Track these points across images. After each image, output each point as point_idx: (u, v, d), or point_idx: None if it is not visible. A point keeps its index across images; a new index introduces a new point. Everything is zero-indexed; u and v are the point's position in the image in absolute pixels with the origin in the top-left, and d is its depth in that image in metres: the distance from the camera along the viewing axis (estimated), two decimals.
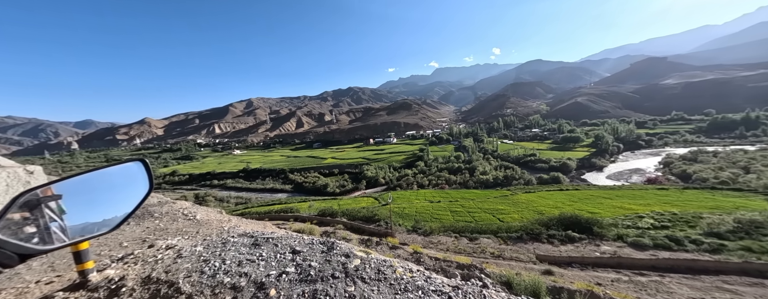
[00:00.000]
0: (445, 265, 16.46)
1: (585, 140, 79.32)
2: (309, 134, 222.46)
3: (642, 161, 58.58)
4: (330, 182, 62.16)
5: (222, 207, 46.29)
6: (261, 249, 1.95)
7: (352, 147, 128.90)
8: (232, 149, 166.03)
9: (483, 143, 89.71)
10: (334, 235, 24.80)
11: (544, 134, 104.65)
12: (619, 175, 49.56)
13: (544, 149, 75.03)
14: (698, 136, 76.49)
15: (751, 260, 13.63)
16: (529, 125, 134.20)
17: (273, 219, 32.50)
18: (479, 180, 48.55)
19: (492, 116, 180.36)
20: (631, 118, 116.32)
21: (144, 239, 2.69)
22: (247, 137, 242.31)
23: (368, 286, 1.47)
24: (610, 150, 67.09)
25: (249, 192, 65.90)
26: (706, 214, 21.35)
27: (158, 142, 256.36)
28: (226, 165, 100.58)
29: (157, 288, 1.44)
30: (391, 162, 73.65)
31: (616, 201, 27.91)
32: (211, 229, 3.10)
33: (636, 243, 16.92)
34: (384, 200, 36.71)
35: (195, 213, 3.78)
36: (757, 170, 37.03)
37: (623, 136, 78.57)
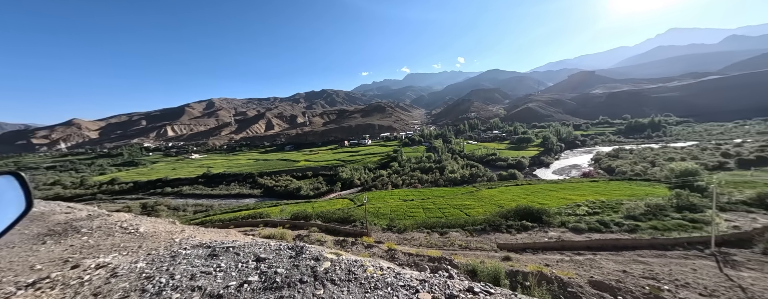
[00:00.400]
0: (418, 260, 16.77)
1: (535, 141, 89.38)
2: (280, 136, 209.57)
3: (579, 158, 68.12)
4: (303, 185, 59.27)
5: (176, 216, 40.71)
6: (219, 259, 1.82)
7: (326, 149, 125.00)
8: (189, 153, 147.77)
9: (451, 144, 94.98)
10: (307, 238, 23.56)
11: (502, 135, 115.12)
12: (561, 170, 56.80)
13: (502, 149, 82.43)
14: (619, 137, 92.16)
15: (657, 236, 16.69)
16: (490, 127, 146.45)
17: (239, 226, 29.65)
18: (448, 179, 51.08)
19: (458, 119, 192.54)
20: (569, 121, 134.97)
21: (66, 259, 2.31)
22: (209, 140, 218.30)
23: (338, 288, 1.44)
24: (555, 149, 76.75)
25: (211, 199, 59.25)
26: (625, 201, 25.57)
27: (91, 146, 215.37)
28: (181, 171, 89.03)
29: None
30: (366, 163, 73.24)
31: (559, 193, 31.82)
32: (158, 242, 2.84)
33: (575, 228, 19.43)
34: (359, 201, 36.23)
35: (137, 226, 3.46)
36: (660, 164, 45.68)
37: (564, 137, 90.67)
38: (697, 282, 10.48)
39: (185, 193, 65.25)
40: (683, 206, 21.49)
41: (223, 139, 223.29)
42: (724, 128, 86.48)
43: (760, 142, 56.53)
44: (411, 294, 1.53)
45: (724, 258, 12.71)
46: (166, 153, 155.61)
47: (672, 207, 21.75)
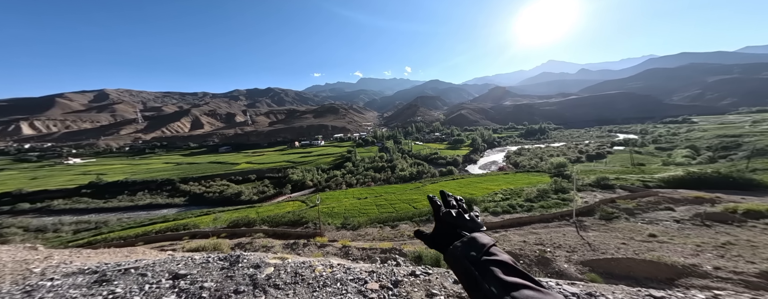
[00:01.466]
0: (371, 253, 16.95)
1: (467, 141, 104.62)
2: (213, 136, 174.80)
3: (496, 156, 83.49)
4: (245, 189, 51.12)
5: (41, 240, 28.40)
6: (113, 285, 1.49)
7: (273, 150, 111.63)
8: (64, 157, 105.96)
9: (401, 144, 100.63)
10: (250, 246, 20.44)
11: (442, 137, 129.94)
12: (485, 166, 68.41)
13: (443, 149, 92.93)
14: (521, 139, 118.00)
15: (544, 213, 22.08)
16: (432, 130, 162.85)
17: (152, 241, 23.31)
18: (399, 176, 53.83)
19: (407, 122, 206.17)
20: (490, 126, 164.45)
21: None
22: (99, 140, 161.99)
23: (282, 292, 1.37)
24: (480, 148, 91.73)
25: (104, 214, 43.90)
26: (525, 188, 32.82)
27: None
28: (49, 181, 62.84)
29: None
30: (319, 164, 69.20)
31: (483, 184, 38.16)
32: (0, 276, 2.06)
33: (494, 212, 23.71)
34: (313, 202, 33.90)
35: None
36: (545, 159, 60.83)
37: (487, 138, 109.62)
38: (566, 243, 14.48)
39: (57, 209, 46.27)
40: (558, 189, 29.19)
41: (124, 139, 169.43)
42: (580, 133, 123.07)
43: (597, 143, 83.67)
44: (359, 285, 1.54)
45: (580, 224, 17.98)
46: (19, 158, 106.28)
47: (552, 190, 29.22)
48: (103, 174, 65.26)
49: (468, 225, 0.53)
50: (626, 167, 46.31)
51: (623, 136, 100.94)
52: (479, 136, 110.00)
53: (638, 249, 13.11)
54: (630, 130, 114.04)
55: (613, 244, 13.90)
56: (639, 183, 29.63)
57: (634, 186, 28.55)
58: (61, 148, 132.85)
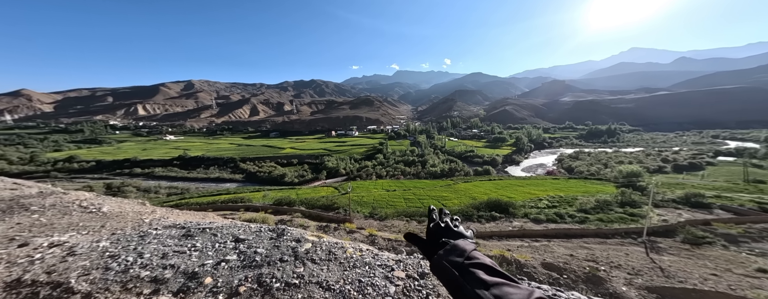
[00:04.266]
0: (396, 244, 17.28)
1: (509, 140, 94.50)
2: (265, 123, 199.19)
3: (545, 158, 73.39)
4: (288, 172, 57.39)
5: (147, 198, 37.59)
6: (195, 239, 1.75)
7: (312, 138, 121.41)
8: (163, 134, 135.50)
9: (434, 140, 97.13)
10: (290, 223, 23.16)
11: (480, 134, 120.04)
12: (529, 168, 60.99)
13: (480, 147, 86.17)
14: (580, 141, 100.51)
15: (602, 227, 18.74)
16: (470, 126, 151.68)
17: (218, 209, 28.29)
18: (429, 172, 52.50)
19: (442, 116, 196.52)
20: (540, 125, 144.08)
21: (12, 237, 2.09)
22: (186, 122, 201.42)
23: (318, 266, 1.45)
24: (525, 149, 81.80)
25: (187, 182, 55.30)
26: (580, 197, 28.22)
27: (44, 120, 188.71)
28: (154, 152, 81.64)
29: (32, 291, 1.19)
30: (352, 154, 72.54)
31: (525, 188, 34.23)
32: (124, 223, 2.60)
33: (535, 219, 21.16)
34: (344, 189, 36.04)
35: (100, 206, 3.15)
36: (611, 166, 50.76)
37: (534, 138, 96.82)
38: (628, 264, 12.04)
39: (158, 175, 60.20)
40: (626, 202, 24.24)
41: (203, 121, 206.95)
42: (666, 137, 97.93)
43: (693, 150, 64.83)
44: (387, 271, 1.60)
45: (652, 245, 14.67)
46: (135, 133, 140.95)
47: (617, 203, 24.44)
48: (187, 149, 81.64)
49: (454, 235, 0.57)
50: (735, 184, 35.19)
51: (736, 144, 76.21)
52: (525, 135, 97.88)
53: (738, 284, 10.07)
54: (749, 137, 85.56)
55: (697, 274, 10.96)
56: (752, 204, 22.34)
57: (743, 207, 21.68)
58: (162, 126, 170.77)
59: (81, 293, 1.21)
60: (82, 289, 1.22)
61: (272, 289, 1.29)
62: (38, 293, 1.18)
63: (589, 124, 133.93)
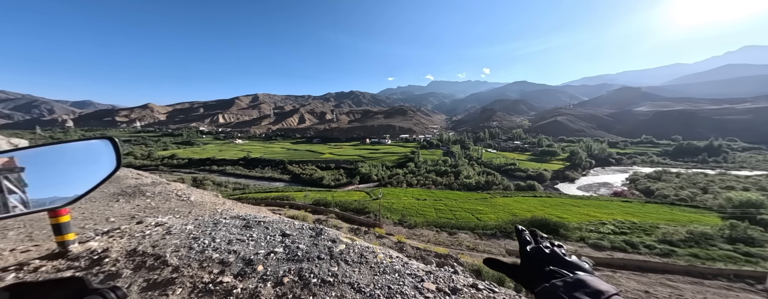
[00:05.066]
0: (424, 254, 16.73)
1: (561, 154, 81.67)
2: (310, 130, 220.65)
3: (611, 176, 60.58)
4: (326, 175, 61.75)
5: (219, 191, 45.29)
6: (252, 230, 1.99)
7: (349, 145, 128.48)
8: (234, 138, 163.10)
9: (469, 150, 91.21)
10: (325, 223, 24.72)
11: (524, 146, 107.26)
12: (588, 187, 51.14)
13: (523, 160, 76.79)
14: (664, 158, 79.78)
15: (696, 264, 14.37)
16: (511, 137, 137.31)
17: (269, 205, 32.06)
18: (463, 183, 49.26)
19: (479, 127, 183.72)
20: (604, 138, 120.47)
21: (133, 216, 2.61)
22: (251, 128, 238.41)
23: (350, 267, 1.53)
24: (583, 165, 69.28)
25: (247, 179, 64.73)
26: (662, 225, 22.31)
27: (160, 126, 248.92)
28: (226, 153, 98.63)
29: (142, 260, 1.47)
30: (384, 161, 73.83)
31: (583, 209, 28.83)
32: (204, 210, 3.07)
33: (596, 244, 17.56)
34: (375, 195, 36.80)
35: (189, 195, 3.70)
36: (714, 191, 38.41)
37: (596, 153, 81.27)
38: None
39: (227, 172, 72.20)
40: (738, 238, 18.13)
41: (263, 128, 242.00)
42: None
43: None
44: (416, 282, 1.56)
45: None
46: (215, 137, 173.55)
47: (723, 237, 18.49)
48: (250, 152, 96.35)
49: (568, 265, 0.43)
50: None
51: None
52: (583, 148, 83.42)
53: None
54: None
55: None
56: None
57: None
58: (234, 132, 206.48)
59: (172, 266, 1.42)
60: (173, 263, 1.45)
61: (310, 284, 1.37)
62: (145, 262, 1.46)
63: (679, 138, 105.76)
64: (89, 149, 0.50)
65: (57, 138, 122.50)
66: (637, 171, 61.24)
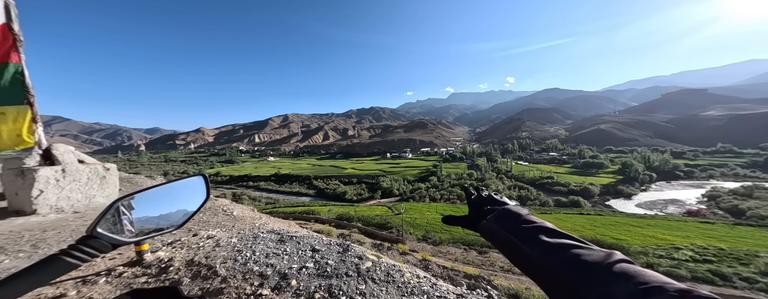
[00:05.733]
0: (453, 274, 15.55)
1: (610, 167, 71.47)
2: (333, 146, 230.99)
3: (680, 192, 50.64)
4: (348, 190, 62.79)
5: (254, 205, 48.56)
6: (286, 245, 2.06)
7: (370, 159, 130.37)
8: (267, 156, 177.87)
9: (496, 163, 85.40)
10: (349, 238, 24.63)
11: (562, 158, 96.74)
12: (651, 205, 43.12)
13: (562, 173, 68.95)
14: (753, 171, 64.64)
15: None
16: (545, 149, 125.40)
17: (296, 219, 33.32)
18: None
19: (506, 138, 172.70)
20: (665, 147, 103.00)
21: (189, 229, 2.83)
22: (281, 146, 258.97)
23: (377, 286, 1.52)
24: (641, 178, 59.36)
25: (278, 194, 68.74)
26: (763, 253, 17.57)
27: (208, 147, 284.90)
28: (260, 169, 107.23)
29: (198, 269, 1.65)
30: (405, 175, 72.84)
31: (646, 230, 24.24)
32: (244, 224, 3.24)
33: (669, 273, 14.39)
34: (397, 210, 36.07)
35: (232, 210, 3.90)
36: None
37: (657, 165, 69.43)
38: None
39: (261, 187, 77.91)
40: None
41: (292, 146, 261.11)
42: None
43: None
44: None
45: None
46: (252, 155, 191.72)
47: None
48: (280, 168, 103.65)
49: (500, 203, 0.54)
50: None
51: None
52: (639, 159, 72.42)
53: None
54: None
55: None
56: None
57: None
58: (267, 150, 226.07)
59: (221, 276, 1.53)
60: (222, 273, 1.56)
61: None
62: (200, 271, 1.60)
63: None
64: (188, 184, 0.65)
65: (133, 160, 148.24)
66: (717, 187, 50.30)
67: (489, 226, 0.46)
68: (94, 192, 3.50)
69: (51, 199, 3.11)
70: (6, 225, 2.71)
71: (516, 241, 0.38)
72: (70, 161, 3.40)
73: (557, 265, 0.31)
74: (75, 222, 2.86)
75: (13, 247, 2.13)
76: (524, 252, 0.36)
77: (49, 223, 2.80)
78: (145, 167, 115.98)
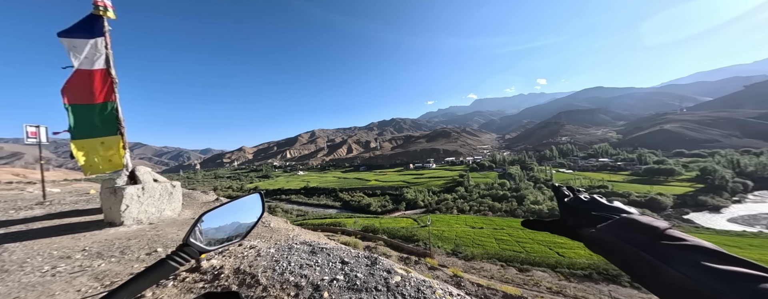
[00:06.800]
0: (490, 293, 14.13)
1: (683, 174, 59.27)
2: (357, 159, 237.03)
3: None
4: (373, 202, 62.81)
5: (287, 217, 51.50)
6: (317, 256, 2.11)
7: (393, 171, 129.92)
8: (297, 170, 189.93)
9: (532, 171, 77.38)
10: (375, 250, 24.34)
11: (617, 165, 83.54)
12: (751, 220, 33.89)
13: (619, 181, 59.20)
14: None
15: None
16: (593, 154, 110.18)
17: (325, 230, 34.25)
18: (529, 210, 41.06)
19: (542, 144, 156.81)
20: (760, 148, 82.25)
21: None
22: (309, 161, 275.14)
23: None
24: (731, 187, 47.71)
25: (307, 207, 71.85)
26: None
27: (248, 164, 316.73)
28: (291, 183, 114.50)
29: (243, 278, 1.76)
30: (430, 186, 70.41)
31: (749, 252, 19.06)
32: (280, 236, 3.40)
33: None
34: (423, 222, 34.68)
35: (269, 222, 4.10)
36: None
37: (751, 170, 55.55)
38: None
39: (292, 200, 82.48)
40: None
41: (318, 160, 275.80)
42: None
43: None
44: None
45: None
46: (284, 170, 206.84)
47: None
48: (309, 182, 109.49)
49: (612, 210, 0.40)
50: None
51: None
52: (725, 164, 59.37)
53: None
54: None
55: None
56: None
57: None
58: (297, 165, 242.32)
59: (262, 285, 1.60)
60: (263, 282, 1.63)
61: None
62: (245, 279, 1.70)
63: None
64: (248, 201, 0.75)
65: (190, 177, 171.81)
66: None
67: (603, 237, 0.36)
68: (164, 206, 3.94)
69: (133, 212, 3.56)
70: (102, 234, 3.17)
71: (654, 261, 0.28)
72: (147, 180, 3.88)
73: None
74: (150, 232, 3.24)
75: (107, 253, 2.52)
76: (672, 277, 0.26)
77: (132, 233, 3.22)
78: (199, 183, 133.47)
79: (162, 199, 3.99)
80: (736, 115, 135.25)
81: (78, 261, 2.38)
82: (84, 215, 4.43)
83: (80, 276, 2.07)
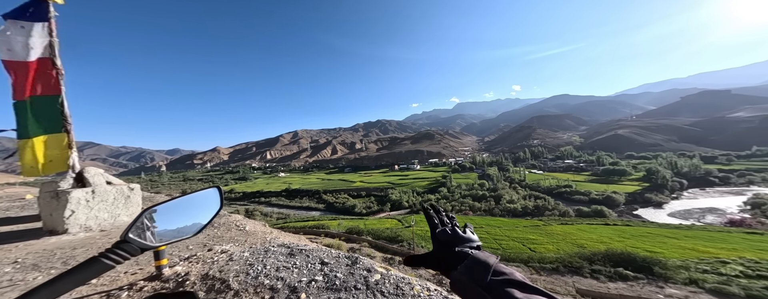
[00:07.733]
0: None
1: (633, 174, 67.18)
2: (342, 160, 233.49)
3: (718, 200, 46.26)
4: (358, 203, 62.17)
5: (266, 220, 48.70)
6: (296, 258, 2.08)
7: (378, 172, 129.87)
8: (278, 172, 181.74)
9: (509, 172, 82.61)
10: (359, 252, 24.11)
11: (579, 165, 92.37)
12: (686, 214, 39.43)
13: (581, 181, 65.36)
14: None
15: None
16: (560, 156, 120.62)
17: (307, 233, 33.17)
18: (506, 209, 43.59)
19: (517, 146, 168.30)
20: (693, 151, 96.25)
21: (204, 244, 2.91)
22: (291, 162, 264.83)
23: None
24: (670, 185, 55.10)
25: (288, 209, 68.96)
26: None
27: (224, 165, 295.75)
28: (272, 186, 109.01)
29: (212, 283, 1.70)
30: (414, 187, 71.58)
31: (684, 242, 22.04)
32: (256, 239, 3.32)
33: (718, 290, 12.87)
34: (407, 222, 35.08)
35: (245, 225, 3.99)
36: None
37: (686, 171, 64.68)
38: None
39: (272, 203, 78.57)
40: None
41: (301, 161, 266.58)
42: None
43: None
44: None
45: None
46: (264, 172, 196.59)
47: None
48: (290, 184, 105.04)
49: (464, 243, 0.45)
50: None
51: None
52: (665, 165, 68.09)
53: None
54: None
55: None
56: None
57: None
58: (278, 166, 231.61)
59: (234, 290, 1.55)
60: (234, 287, 1.59)
61: None
62: (214, 285, 1.64)
63: None
64: (204, 195, 0.72)
65: (154, 180, 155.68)
66: (760, 193, 45.68)
67: (459, 280, 0.37)
68: (120, 211, 3.67)
69: (81, 219, 3.26)
70: (40, 244, 2.86)
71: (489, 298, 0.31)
72: (99, 183, 3.58)
73: None
74: (101, 240, 3.00)
75: (46, 264, 2.28)
76: None
77: (79, 241, 2.94)
78: (165, 186, 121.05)
79: (117, 204, 3.63)
80: (675, 123, 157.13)
81: (8, 275, 2.08)
82: (17, 223, 3.87)
83: (9, 291, 1.81)
